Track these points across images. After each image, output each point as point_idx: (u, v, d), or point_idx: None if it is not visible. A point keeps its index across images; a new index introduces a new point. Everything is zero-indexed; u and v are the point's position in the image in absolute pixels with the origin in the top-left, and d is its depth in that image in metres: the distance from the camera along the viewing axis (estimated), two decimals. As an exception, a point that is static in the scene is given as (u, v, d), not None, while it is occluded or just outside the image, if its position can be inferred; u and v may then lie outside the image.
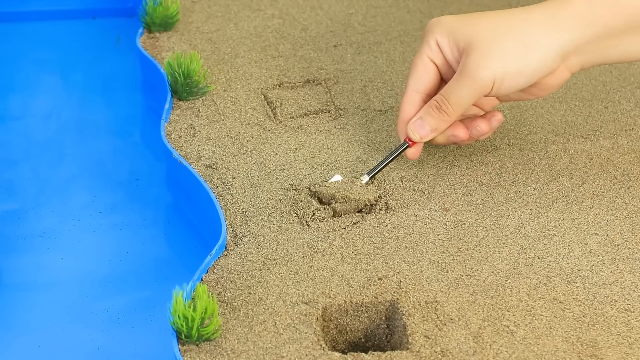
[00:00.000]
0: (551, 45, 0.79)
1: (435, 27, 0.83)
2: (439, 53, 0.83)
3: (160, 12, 1.06)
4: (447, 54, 0.83)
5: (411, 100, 0.84)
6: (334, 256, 0.78)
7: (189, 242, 0.89)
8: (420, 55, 0.84)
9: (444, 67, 0.84)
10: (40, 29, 1.19)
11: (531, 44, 0.78)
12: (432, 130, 0.83)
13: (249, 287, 0.75)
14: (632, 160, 0.90)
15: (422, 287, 0.75)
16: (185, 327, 0.69)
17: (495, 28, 0.79)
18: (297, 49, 1.06)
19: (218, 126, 0.93)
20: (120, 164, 0.99)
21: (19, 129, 1.03)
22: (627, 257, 0.79)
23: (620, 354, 0.70)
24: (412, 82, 0.84)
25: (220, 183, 0.86)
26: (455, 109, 0.82)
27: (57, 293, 0.84)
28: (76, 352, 0.78)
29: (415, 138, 0.84)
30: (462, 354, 0.70)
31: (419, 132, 0.84)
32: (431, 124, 0.83)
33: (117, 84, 1.10)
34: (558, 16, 0.79)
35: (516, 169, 0.89)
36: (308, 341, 0.70)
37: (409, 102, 0.84)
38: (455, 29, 0.81)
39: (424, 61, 0.84)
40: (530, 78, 0.80)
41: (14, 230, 0.90)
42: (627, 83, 1.02)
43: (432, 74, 0.84)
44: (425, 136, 0.84)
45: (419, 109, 0.84)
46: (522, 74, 0.79)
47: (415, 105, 0.84)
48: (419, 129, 0.84)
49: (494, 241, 0.80)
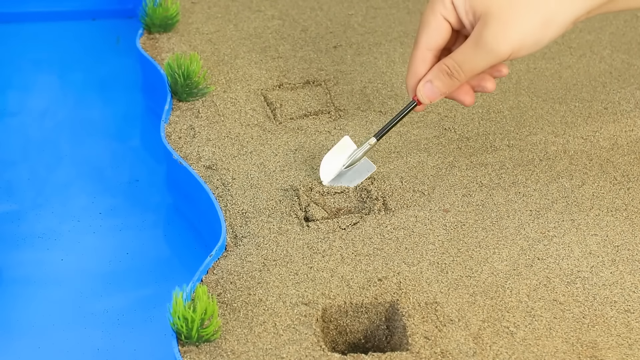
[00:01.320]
0: (567, 16, 0.77)
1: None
2: (453, 12, 0.81)
3: (160, 13, 1.06)
4: (462, 16, 0.80)
5: (422, 56, 0.82)
6: (333, 257, 0.78)
7: (188, 243, 0.89)
8: (434, 12, 0.81)
9: (457, 24, 0.81)
10: (40, 30, 1.19)
11: (549, 15, 0.77)
12: (442, 94, 0.81)
13: (248, 288, 0.75)
14: (631, 161, 0.90)
15: (421, 288, 0.75)
16: (185, 328, 0.69)
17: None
18: (297, 50, 1.06)
19: (218, 127, 0.93)
20: (120, 165, 0.99)
21: (17, 129, 1.03)
22: (627, 258, 0.79)
23: (620, 354, 0.70)
24: (424, 38, 0.82)
25: (220, 184, 0.86)
26: (467, 75, 0.80)
27: (57, 294, 0.84)
28: (76, 353, 0.78)
29: (424, 101, 0.83)
30: (462, 355, 0.70)
31: (428, 95, 0.82)
32: (441, 88, 0.81)
33: (116, 85, 1.10)
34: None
35: (516, 170, 0.89)
36: (308, 342, 0.70)
37: (419, 59, 0.82)
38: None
39: (437, 19, 0.81)
40: (543, 46, 0.79)
41: (13, 231, 0.90)
42: (627, 84, 1.02)
43: (444, 32, 0.82)
44: (435, 99, 0.82)
45: (430, 66, 0.82)
46: (538, 44, 0.78)
47: (427, 62, 0.82)
48: (429, 92, 0.82)
49: (493, 242, 0.81)
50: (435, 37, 0.82)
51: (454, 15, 0.81)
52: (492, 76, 0.84)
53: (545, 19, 0.77)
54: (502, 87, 1.02)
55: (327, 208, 0.84)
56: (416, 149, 0.91)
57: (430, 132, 0.94)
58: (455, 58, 0.80)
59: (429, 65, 0.82)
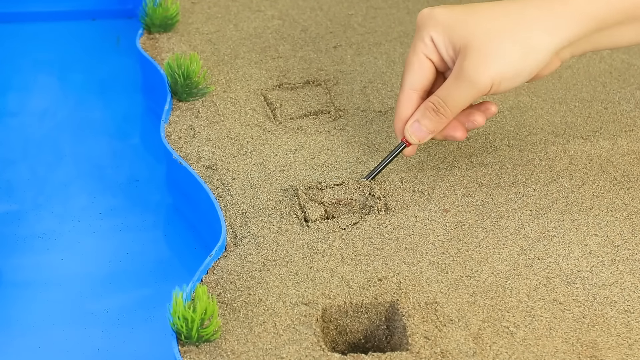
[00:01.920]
0: (548, 46, 0.78)
1: (429, 22, 0.81)
2: (434, 50, 0.81)
3: (160, 13, 1.06)
4: (442, 52, 0.81)
5: (408, 98, 0.83)
6: (333, 257, 0.78)
7: (188, 243, 0.89)
8: (415, 52, 0.82)
9: (440, 63, 0.82)
10: (40, 30, 1.19)
11: (529, 46, 0.78)
12: (430, 132, 0.83)
13: (248, 288, 0.75)
14: (631, 161, 0.90)
15: (421, 288, 0.75)
16: (185, 328, 0.69)
17: (491, 27, 0.78)
18: (297, 50, 1.06)
19: (218, 127, 0.93)
20: (119, 165, 0.99)
21: (17, 129, 1.03)
22: (627, 258, 0.79)
23: (620, 355, 0.70)
24: (408, 79, 0.83)
25: (220, 184, 0.86)
26: (453, 111, 0.81)
27: (57, 294, 0.84)
28: (76, 353, 0.78)
29: (413, 141, 0.83)
30: (462, 355, 0.70)
31: (416, 135, 0.83)
32: (428, 127, 0.82)
33: (116, 85, 1.10)
34: (555, 13, 0.78)
35: (516, 170, 0.89)
36: (308, 342, 0.70)
37: (405, 101, 0.83)
38: (451, 27, 0.80)
39: (420, 58, 0.82)
40: (526, 78, 0.79)
41: (13, 231, 0.90)
42: (627, 84, 1.02)
43: (428, 71, 0.82)
44: (423, 139, 0.83)
45: (416, 107, 0.83)
46: (520, 76, 0.79)
47: (412, 103, 0.83)
48: (416, 132, 0.83)
49: (493, 242, 0.81)
50: (419, 77, 0.82)
51: (435, 53, 0.81)
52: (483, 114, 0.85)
53: (524, 50, 0.77)
54: (502, 87, 1.02)
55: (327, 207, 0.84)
56: (416, 149, 0.91)
57: (430, 132, 0.94)
58: (439, 94, 0.81)
59: (415, 106, 0.83)
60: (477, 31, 0.78)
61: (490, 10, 0.79)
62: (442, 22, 0.80)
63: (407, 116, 0.83)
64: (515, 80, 0.79)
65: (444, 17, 0.80)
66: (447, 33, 0.80)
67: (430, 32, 0.81)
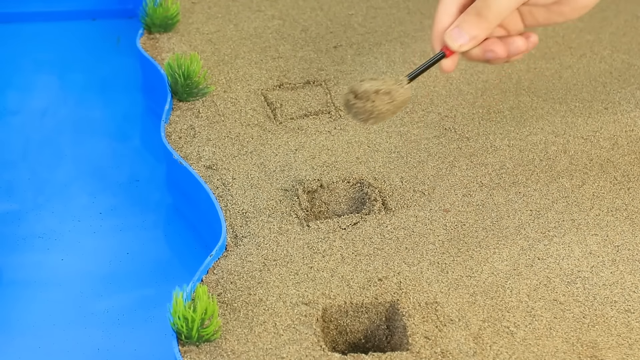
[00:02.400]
0: None
1: None
2: None
3: (160, 13, 1.06)
4: None
5: (447, 9, 0.79)
6: (334, 257, 0.78)
7: (189, 243, 0.89)
8: None
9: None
10: (41, 30, 1.19)
11: None
12: (472, 39, 0.77)
13: (249, 288, 0.75)
14: (632, 161, 0.90)
15: (422, 288, 0.75)
16: (185, 328, 0.69)
17: None
18: (297, 50, 1.06)
19: (218, 127, 0.93)
20: (120, 165, 0.99)
21: (17, 129, 1.03)
22: (627, 258, 0.79)
23: (620, 354, 0.70)
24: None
25: (220, 184, 0.86)
26: (495, 15, 0.76)
27: (58, 294, 0.84)
28: (76, 353, 0.78)
29: (453, 46, 0.78)
30: (462, 355, 0.70)
31: (457, 40, 0.77)
32: (470, 32, 0.77)
33: (117, 85, 1.10)
34: None
35: (516, 170, 0.89)
36: (308, 342, 0.70)
37: (444, 12, 0.79)
38: None
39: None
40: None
41: (14, 231, 0.90)
42: (627, 84, 1.02)
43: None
44: (464, 44, 0.77)
45: (454, 18, 0.78)
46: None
47: (451, 14, 0.78)
48: (457, 36, 0.77)
49: (494, 242, 0.81)
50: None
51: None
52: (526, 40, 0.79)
53: None
54: (502, 87, 1.02)
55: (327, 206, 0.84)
56: (416, 149, 0.91)
57: (430, 132, 0.94)
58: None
59: (454, 17, 0.79)
60: None
61: None
62: None
63: (445, 25, 0.78)
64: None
65: None
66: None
67: None
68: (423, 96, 0.99)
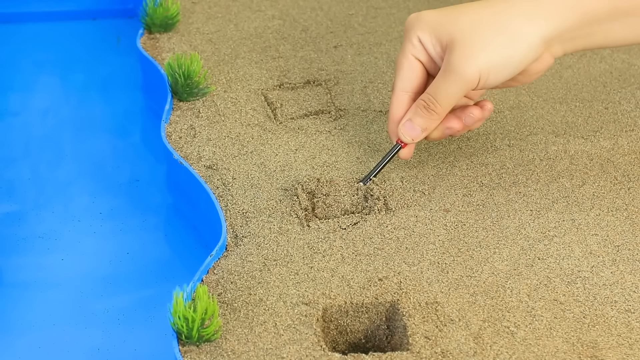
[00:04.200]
0: (534, 34, 0.78)
1: (416, 23, 0.81)
2: (422, 50, 0.81)
3: (160, 13, 1.06)
4: (430, 51, 0.81)
5: (399, 100, 0.83)
6: (334, 257, 0.78)
7: (189, 242, 0.89)
8: (404, 53, 0.82)
9: (429, 63, 0.82)
10: (41, 30, 1.19)
11: (514, 35, 0.77)
12: (423, 130, 0.83)
13: (249, 287, 0.75)
14: (632, 161, 0.90)
15: (422, 288, 0.75)
16: (185, 327, 0.69)
17: (476, 20, 0.78)
18: (298, 50, 1.06)
19: (218, 127, 0.93)
20: (120, 165, 0.99)
21: (18, 129, 1.03)
22: (628, 258, 0.79)
23: (621, 354, 0.70)
24: (399, 81, 0.83)
25: (220, 184, 0.86)
26: (444, 107, 0.81)
27: (58, 293, 0.84)
28: (76, 353, 0.78)
29: (407, 140, 0.83)
30: (463, 355, 0.70)
31: (409, 134, 0.83)
32: (421, 124, 0.82)
33: (117, 85, 1.10)
34: (539, 3, 0.77)
35: (516, 170, 0.89)
36: (308, 342, 0.70)
37: (397, 103, 0.83)
38: (437, 25, 0.80)
39: (409, 59, 0.82)
40: (515, 69, 0.79)
41: (14, 231, 0.90)
42: (628, 84, 1.02)
43: (417, 72, 0.83)
44: (417, 137, 0.83)
45: (407, 108, 0.83)
46: (507, 66, 0.78)
47: (404, 105, 0.83)
48: (409, 130, 0.83)
49: (494, 242, 0.80)
50: (409, 78, 0.83)
51: (423, 53, 0.82)
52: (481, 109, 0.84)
53: (510, 38, 0.77)
54: (503, 87, 1.02)
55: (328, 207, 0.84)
56: (416, 149, 0.91)
57: (431, 132, 0.94)
58: (429, 91, 0.81)
59: (407, 107, 0.83)
60: (462, 25, 0.78)
61: (477, 6, 0.80)
62: (429, 22, 0.81)
63: (399, 117, 0.84)
64: (504, 71, 0.78)
65: (431, 17, 0.81)
66: (433, 31, 0.80)
67: (418, 32, 0.81)
68: (423, 96, 0.99)
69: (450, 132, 0.85)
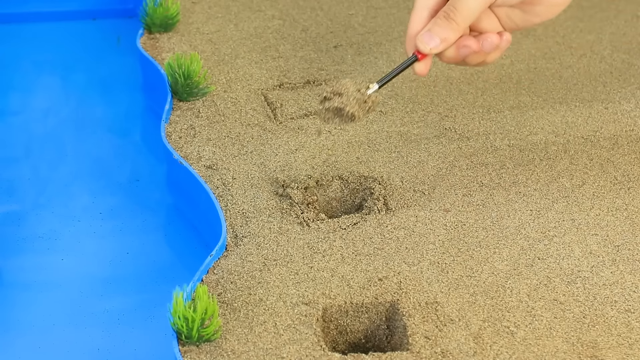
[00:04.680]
0: None
1: None
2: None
3: (160, 13, 1.06)
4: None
5: (419, 16, 0.81)
6: (334, 257, 0.78)
7: (189, 242, 0.89)
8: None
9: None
10: (41, 31, 1.20)
11: None
12: (442, 41, 0.79)
13: (249, 287, 0.75)
14: (632, 161, 0.90)
15: (422, 288, 0.75)
16: (185, 327, 0.69)
17: None
18: (298, 50, 1.07)
19: (218, 127, 0.93)
20: (120, 164, 0.99)
21: (18, 129, 1.03)
22: (628, 258, 0.79)
23: (621, 354, 0.70)
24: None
25: (220, 184, 0.86)
26: (464, 16, 0.78)
27: (58, 294, 0.84)
28: (76, 353, 0.78)
29: (424, 49, 0.79)
30: (463, 355, 0.70)
31: (428, 43, 0.79)
32: (440, 34, 0.79)
33: (117, 85, 1.10)
34: None
35: (516, 170, 0.89)
36: (308, 342, 0.70)
37: (417, 18, 0.81)
38: None
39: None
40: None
41: (14, 231, 0.90)
42: (628, 84, 1.02)
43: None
44: (435, 47, 0.79)
45: (426, 24, 0.80)
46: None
47: (423, 20, 0.80)
48: (427, 39, 0.79)
49: (494, 242, 0.81)
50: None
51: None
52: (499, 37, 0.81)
53: None
54: (503, 86, 1.02)
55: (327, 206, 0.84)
56: (416, 149, 0.91)
57: (431, 132, 0.94)
58: (450, 1, 0.78)
59: (425, 23, 0.80)
60: None
61: None
62: None
63: (418, 30, 0.81)
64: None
65: None
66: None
67: None
68: (423, 96, 1.00)
69: (466, 53, 0.81)
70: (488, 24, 0.82)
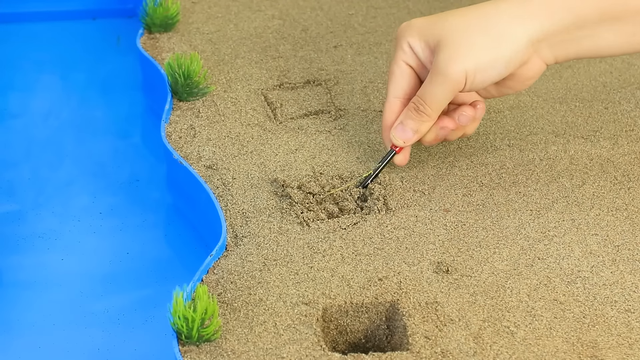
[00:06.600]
0: (520, 34, 0.78)
1: (406, 30, 0.83)
2: (412, 55, 0.83)
3: (160, 12, 1.06)
4: (420, 56, 0.82)
5: (391, 106, 0.84)
6: (334, 257, 0.78)
7: (189, 242, 0.89)
8: (396, 60, 0.83)
9: (420, 68, 0.83)
10: (41, 30, 1.19)
11: (500, 34, 0.78)
12: (415, 133, 0.83)
13: (249, 287, 0.75)
14: (632, 161, 0.90)
15: (422, 288, 0.75)
16: (185, 327, 0.69)
17: (463, 23, 0.79)
18: (298, 50, 1.06)
19: (218, 127, 0.93)
20: (120, 164, 0.99)
21: (18, 129, 1.03)
22: (628, 258, 0.79)
23: (621, 354, 0.70)
24: (392, 88, 0.84)
25: (220, 184, 0.86)
26: (433, 108, 0.82)
27: (58, 293, 0.84)
28: (76, 353, 0.78)
29: (399, 143, 0.84)
30: (463, 355, 0.70)
31: (401, 136, 0.84)
32: (412, 127, 0.83)
33: (117, 85, 1.10)
34: (526, 5, 0.78)
35: (516, 170, 0.89)
36: (308, 342, 0.70)
37: (389, 109, 0.84)
38: (426, 30, 0.81)
39: (400, 66, 0.83)
40: (502, 69, 0.79)
41: (14, 231, 0.90)
42: (628, 84, 1.02)
43: (409, 78, 0.84)
44: (409, 140, 0.84)
45: (400, 114, 0.84)
46: (494, 66, 0.78)
47: (396, 111, 0.84)
48: (400, 133, 0.83)
49: (494, 242, 0.81)
50: (401, 84, 0.84)
51: (414, 58, 0.83)
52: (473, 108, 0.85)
53: (496, 37, 0.78)
54: (503, 86, 1.02)
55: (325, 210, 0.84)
56: (416, 149, 0.91)
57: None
58: (419, 93, 0.82)
59: (399, 114, 0.84)
60: (449, 28, 0.79)
61: (465, 10, 0.81)
62: (418, 27, 0.82)
63: (392, 123, 0.85)
64: (491, 72, 0.79)
65: (420, 23, 0.82)
66: (422, 36, 0.81)
67: (408, 38, 0.82)
68: (423, 96, 0.99)
69: (445, 133, 0.85)
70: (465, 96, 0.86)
